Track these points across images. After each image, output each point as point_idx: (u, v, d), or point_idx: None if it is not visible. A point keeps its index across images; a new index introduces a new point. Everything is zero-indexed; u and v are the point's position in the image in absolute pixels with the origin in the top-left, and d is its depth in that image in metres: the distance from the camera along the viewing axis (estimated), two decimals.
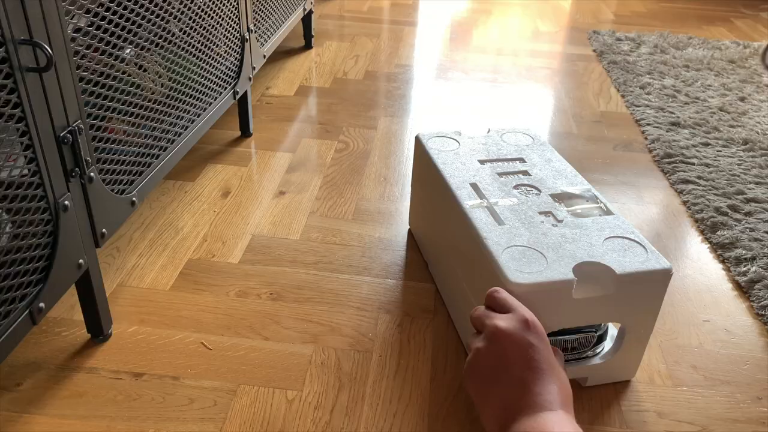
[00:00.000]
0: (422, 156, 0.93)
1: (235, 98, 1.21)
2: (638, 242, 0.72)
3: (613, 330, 0.78)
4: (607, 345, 0.77)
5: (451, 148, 0.92)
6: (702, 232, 1.10)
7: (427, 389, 0.77)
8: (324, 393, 0.76)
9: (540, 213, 0.77)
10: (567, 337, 0.74)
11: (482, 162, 0.89)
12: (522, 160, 0.90)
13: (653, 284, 0.69)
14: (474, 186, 0.83)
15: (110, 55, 0.75)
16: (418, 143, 0.95)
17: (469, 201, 0.79)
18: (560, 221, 0.75)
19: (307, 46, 1.88)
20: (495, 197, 0.80)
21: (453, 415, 0.74)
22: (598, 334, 0.75)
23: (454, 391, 0.77)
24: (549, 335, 0.73)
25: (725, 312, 0.92)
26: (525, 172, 0.86)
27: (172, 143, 0.94)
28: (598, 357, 0.76)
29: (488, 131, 0.98)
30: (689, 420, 0.75)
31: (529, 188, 0.83)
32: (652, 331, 0.75)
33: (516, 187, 0.83)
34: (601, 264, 0.68)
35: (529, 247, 0.71)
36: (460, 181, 0.84)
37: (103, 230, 0.75)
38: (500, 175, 0.86)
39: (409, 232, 1.06)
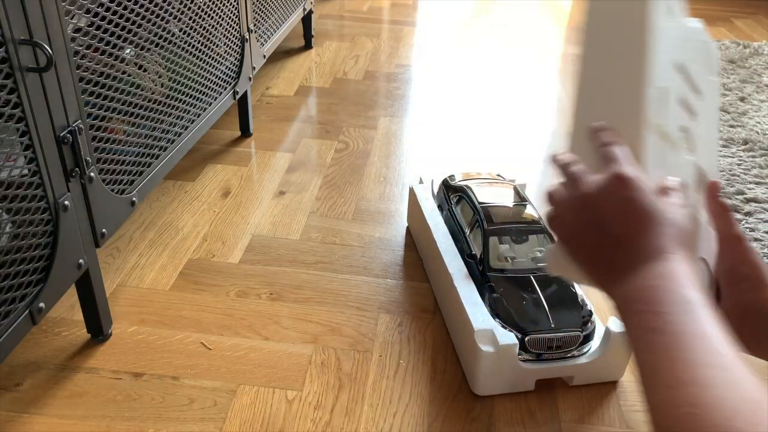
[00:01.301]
0: None
1: (235, 98, 1.21)
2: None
3: (600, 329, 0.78)
4: (594, 345, 0.77)
5: None
6: None
7: (427, 389, 0.77)
8: (324, 393, 0.76)
9: None
10: (551, 335, 0.74)
11: None
12: None
13: None
14: None
15: (110, 55, 0.75)
16: None
17: None
18: None
19: (307, 46, 1.88)
20: None
21: (453, 415, 0.74)
22: (584, 333, 0.75)
23: (454, 391, 0.77)
24: (530, 333, 0.73)
25: None
26: None
27: (172, 143, 0.94)
28: (584, 356, 0.76)
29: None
30: None
31: None
32: None
33: None
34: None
35: None
36: None
37: (103, 230, 0.75)
38: None
39: (408, 230, 1.06)
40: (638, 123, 0.52)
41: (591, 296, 0.93)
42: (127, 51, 0.80)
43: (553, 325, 0.74)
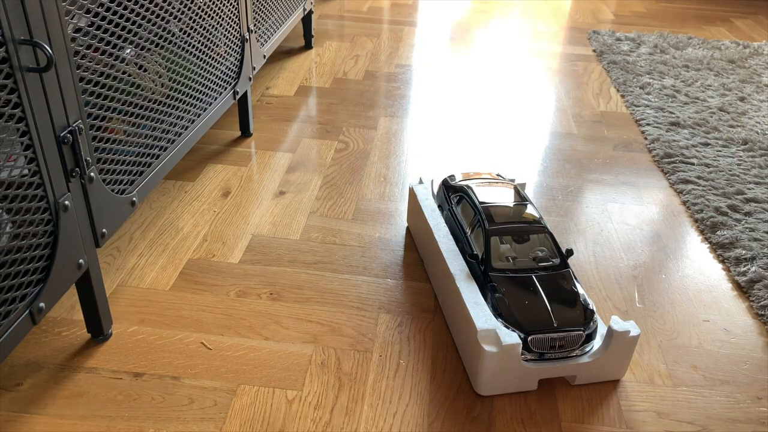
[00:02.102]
0: None
1: (235, 98, 1.21)
2: None
3: (602, 329, 0.78)
4: (596, 344, 0.77)
5: None
6: (702, 232, 1.10)
7: (427, 389, 0.77)
8: (324, 393, 0.76)
9: None
10: (553, 334, 0.74)
11: None
12: None
13: None
14: None
15: (110, 55, 0.75)
16: None
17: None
18: None
19: (307, 46, 1.88)
20: None
21: (453, 415, 0.74)
22: (586, 333, 0.75)
23: (454, 390, 0.77)
24: (533, 332, 0.73)
25: (725, 312, 0.92)
26: None
27: (172, 143, 0.94)
28: (586, 356, 0.76)
29: None
30: (689, 420, 0.75)
31: None
32: None
33: None
34: None
35: None
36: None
37: (104, 230, 0.75)
38: None
39: (408, 230, 1.06)
40: None
41: (592, 295, 0.94)
42: (127, 51, 0.80)
43: (555, 325, 0.74)
